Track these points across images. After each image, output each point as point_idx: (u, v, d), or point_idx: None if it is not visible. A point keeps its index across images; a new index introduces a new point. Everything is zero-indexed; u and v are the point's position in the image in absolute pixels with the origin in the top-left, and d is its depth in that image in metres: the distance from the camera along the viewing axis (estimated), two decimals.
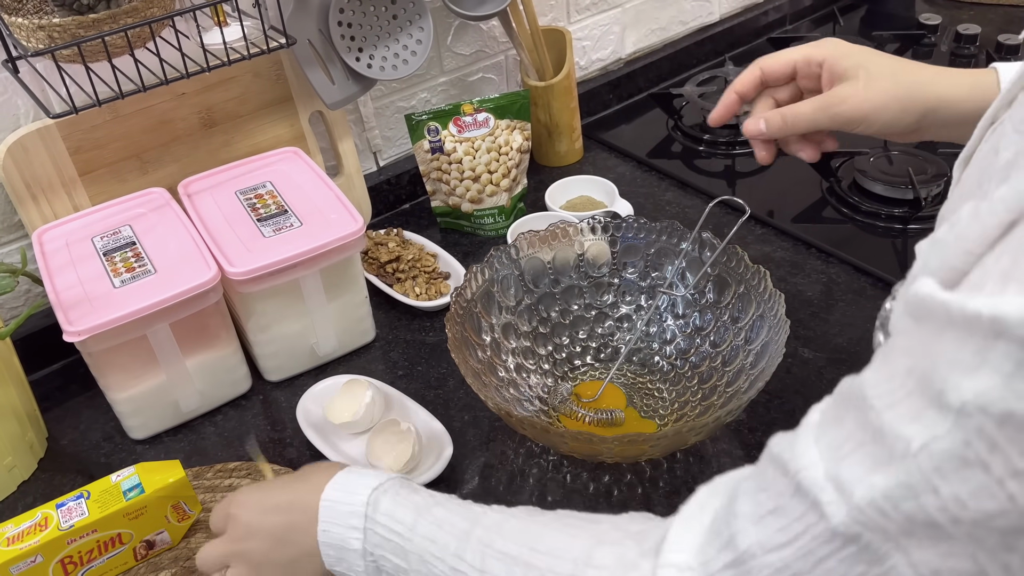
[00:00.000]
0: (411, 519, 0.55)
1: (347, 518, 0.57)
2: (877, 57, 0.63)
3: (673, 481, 0.79)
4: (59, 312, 0.78)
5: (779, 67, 0.65)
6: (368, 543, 0.56)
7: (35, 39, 0.74)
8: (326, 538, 0.57)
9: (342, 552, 0.57)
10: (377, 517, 0.56)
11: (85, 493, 0.73)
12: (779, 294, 0.79)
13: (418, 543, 0.54)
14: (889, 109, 0.62)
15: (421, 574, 0.53)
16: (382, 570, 0.56)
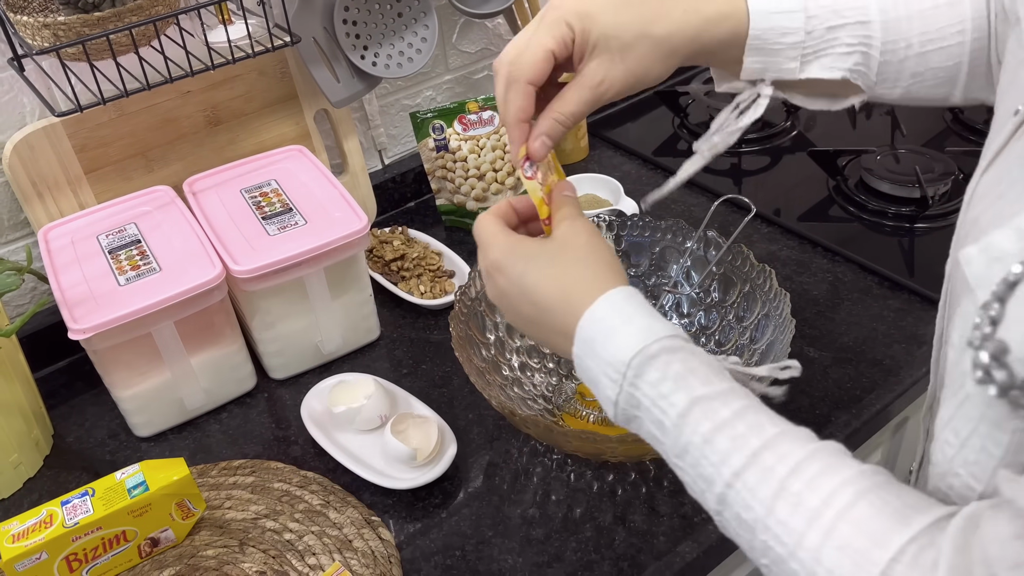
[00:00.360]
0: (684, 405, 0.50)
1: (603, 364, 0.53)
2: (621, 15, 0.57)
3: (678, 480, 0.78)
4: (64, 310, 0.78)
5: (545, 68, 0.58)
6: (622, 399, 0.52)
7: (40, 37, 0.74)
8: (579, 362, 0.55)
9: (593, 383, 0.54)
10: (639, 384, 0.51)
11: (90, 490, 0.73)
12: (784, 293, 0.79)
13: (686, 434, 0.49)
14: (652, 71, 0.59)
15: (683, 460, 0.50)
16: (631, 423, 0.53)
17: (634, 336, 0.52)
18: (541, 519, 0.77)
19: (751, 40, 0.59)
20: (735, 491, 0.47)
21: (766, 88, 0.62)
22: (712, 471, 0.48)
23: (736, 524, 0.47)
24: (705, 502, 0.50)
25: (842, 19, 0.60)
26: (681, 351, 0.52)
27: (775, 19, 0.59)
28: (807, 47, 0.60)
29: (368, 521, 0.77)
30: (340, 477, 0.81)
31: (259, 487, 0.81)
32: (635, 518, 0.76)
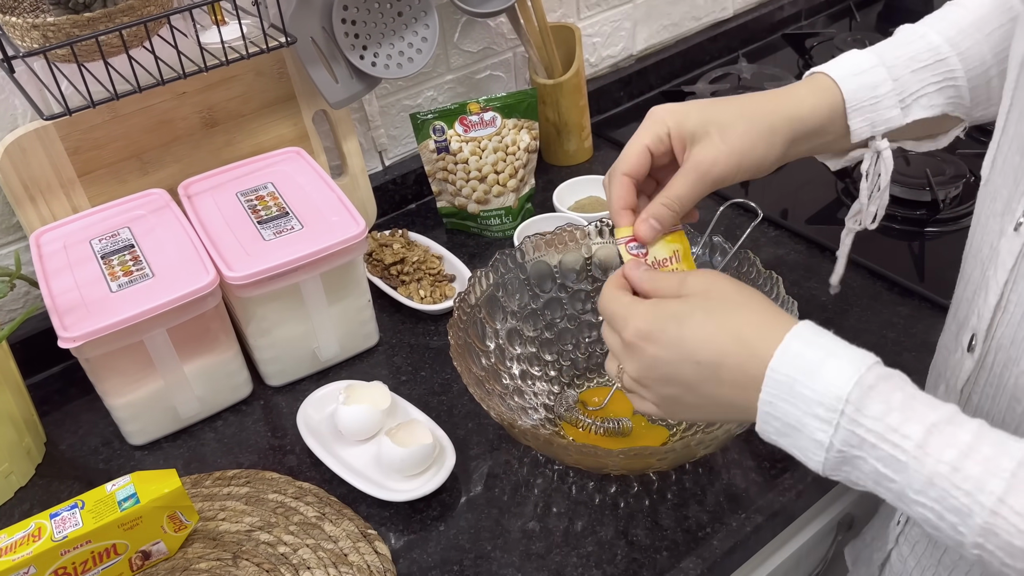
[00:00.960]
0: (920, 434, 0.45)
1: (809, 405, 0.48)
2: (716, 105, 0.62)
3: (682, 493, 0.77)
4: (55, 317, 0.76)
5: (640, 162, 0.62)
6: (839, 440, 0.47)
7: (29, 38, 0.72)
8: (772, 410, 0.49)
9: (793, 432, 0.49)
10: (861, 420, 0.46)
11: (79, 503, 0.71)
12: (792, 302, 0.76)
13: (929, 465, 0.45)
14: (756, 149, 0.61)
15: (924, 495, 0.45)
16: (848, 463, 0.48)
17: (845, 368, 0.47)
18: (542, 533, 0.75)
19: (849, 103, 0.63)
20: (1002, 518, 0.43)
21: (881, 143, 0.65)
22: (968, 501, 0.44)
23: (1005, 555, 0.44)
24: (958, 535, 0.45)
25: (920, 62, 0.64)
26: (894, 377, 0.48)
27: (860, 79, 0.64)
28: (902, 92, 0.64)
29: (364, 534, 0.75)
30: (336, 488, 0.80)
31: (254, 498, 0.79)
32: (637, 532, 0.74)
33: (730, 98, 0.64)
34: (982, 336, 0.57)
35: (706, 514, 0.75)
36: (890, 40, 0.67)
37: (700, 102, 0.63)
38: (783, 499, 0.75)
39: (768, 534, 0.76)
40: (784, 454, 0.51)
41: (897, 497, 0.47)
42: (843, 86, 0.63)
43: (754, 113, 0.61)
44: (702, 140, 0.61)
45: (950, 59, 0.64)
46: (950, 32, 0.65)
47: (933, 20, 0.67)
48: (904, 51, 0.65)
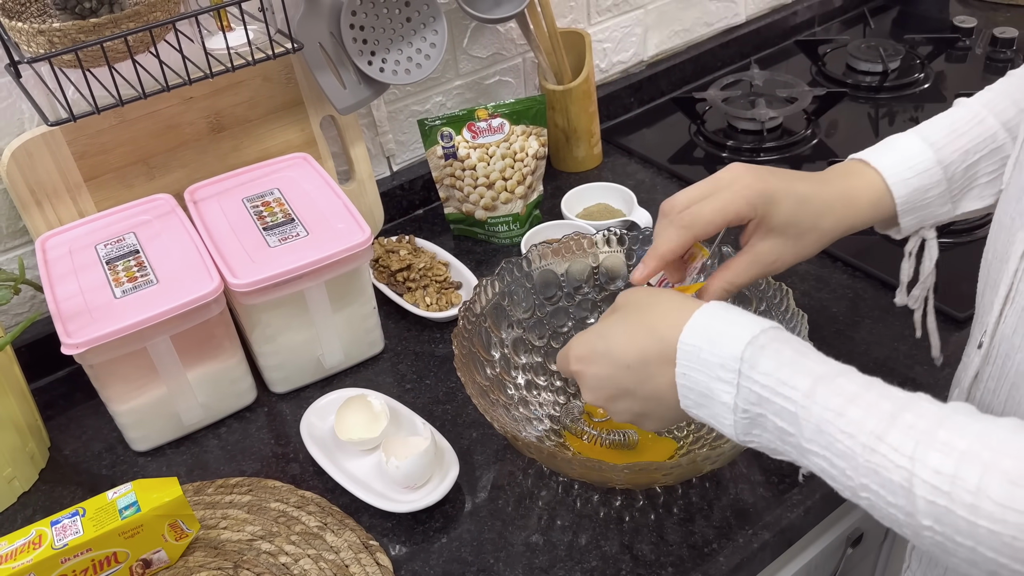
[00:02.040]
0: (807, 385, 0.49)
1: (713, 369, 0.52)
2: (802, 205, 0.65)
3: (688, 507, 0.76)
4: (58, 323, 0.76)
5: (712, 231, 0.65)
6: (741, 399, 0.51)
7: (35, 44, 0.72)
8: (686, 382, 0.54)
9: (706, 400, 0.54)
10: (755, 376, 0.51)
11: (80, 510, 0.71)
12: (802, 315, 0.75)
13: (816, 412, 0.48)
14: (814, 252, 0.67)
15: (815, 443, 0.48)
16: (755, 424, 0.52)
17: (739, 332, 0.52)
18: (545, 546, 0.74)
19: (900, 206, 0.66)
20: (879, 455, 0.45)
21: (929, 233, 0.69)
22: (851, 443, 0.46)
23: (885, 491, 0.45)
24: (847, 480, 0.47)
25: (976, 155, 0.65)
26: (790, 340, 0.52)
27: (914, 182, 0.66)
28: (953, 190, 0.66)
29: (366, 545, 0.75)
30: (339, 498, 0.79)
31: (256, 507, 0.79)
32: (642, 547, 0.73)
33: (814, 194, 0.65)
34: (991, 331, 0.57)
35: (712, 529, 0.74)
36: (947, 123, 0.67)
37: (789, 192, 0.64)
38: (791, 515, 0.74)
39: (775, 550, 0.74)
40: (792, 467, 0.52)
41: (799, 452, 0.50)
42: (895, 192, 0.66)
43: (826, 226, 0.66)
44: (777, 239, 0.65)
45: (1004, 145, 0.65)
46: (1003, 105, 0.65)
47: (992, 96, 0.67)
48: (960, 143, 0.65)
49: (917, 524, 0.44)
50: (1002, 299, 0.55)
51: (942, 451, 0.43)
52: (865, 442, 0.46)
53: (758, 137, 1.23)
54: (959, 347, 0.89)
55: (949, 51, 1.41)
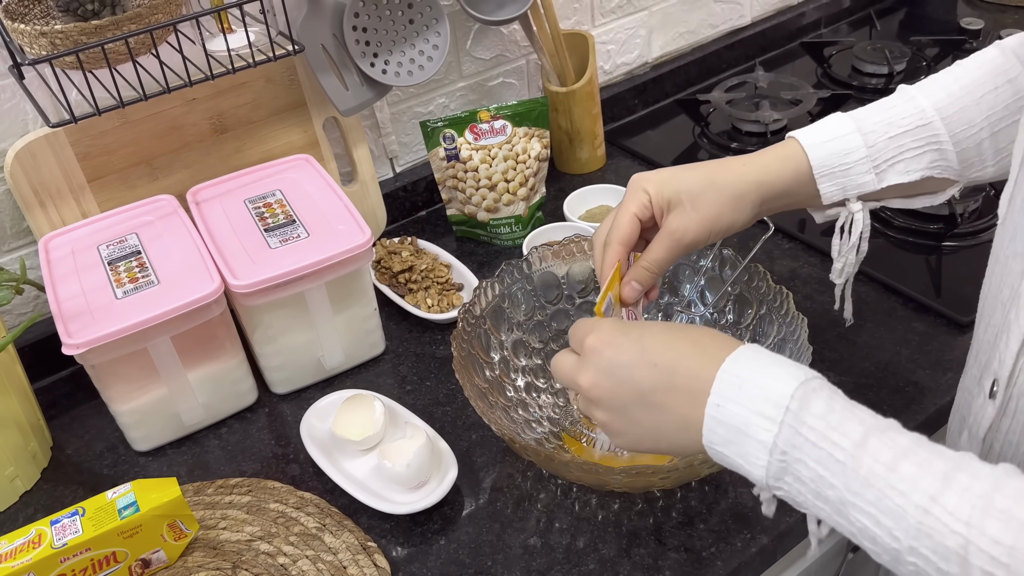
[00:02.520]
0: (859, 434, 0.46)
1: (758, 403, 0.49)
2: (688, 173, 0.67)
3: (687, 511, 0.76)
4: (59, 323, 0.77)
5: (632, 231, 0.67)
6: (782, 439, 0.48)
7: (37, 46, 0.73)
8: (718, 413, 0.50)
9: (738, 436, 0.50)
10: (805, 417, 0.47)
11: (80, 510, 0.71)
12: (802, 318, 0.75)
13: (867, 464, 0.45)
14: (724, 216, 0.66)
15: (861, 497, 0.45)
16: (789, 471, 0.48)
17: (792, 372, 0.50)
18: (543, 549, 0.74)
19: (816, 169, 0.67)
20: (933, 517, 0.43)
21: (854, 205, 0.69)
22: (902, 501, 0.44)
23: (937, 557, 0.43)
24: (893, 541, 0.45)
25: (900, 128, 0.66)
26: (839, 391, 0.50)
27: (831, 145, 0.67)
28: (876, 159, 0.66)
29: (364, 547, 0.75)
30: (338, 499, 0.79)
31: (255, 507, 0.79)
32: (640, 551, 0.73)
33: (703, 165, 0.68)
34: (1004, 382, 0.56)
35: (711, 534, 0.74)
36: (877, 103, 0.69)
37: (675, 170, 0.68)
38: (789, 519, 0.73)
39: (773, 555, 0.74)
40: None
41: (837, 509, 0.47)
42: (811, 153, 0.67)
43: (722, 181, 0.66)
44: (676, 208, 0.66)
45: (934, 123, 0.66)
46: (938, 95, 0.67)
47: (928, 82, 0.69)
48: (885, 116, 0.67)
49: None
50: (1014, 353, 0.54)
51: (1000, 519, 0.41)
52: (919, 502, 0.43)
53: (762, 139, 1.23)
54: (962, 351, 0.88)
55: (956, 53, 1.40)
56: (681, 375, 0.53)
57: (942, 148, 0.66)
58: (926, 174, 0.67)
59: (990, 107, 0.66)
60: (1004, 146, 0.66)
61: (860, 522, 0.46)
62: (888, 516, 0.44)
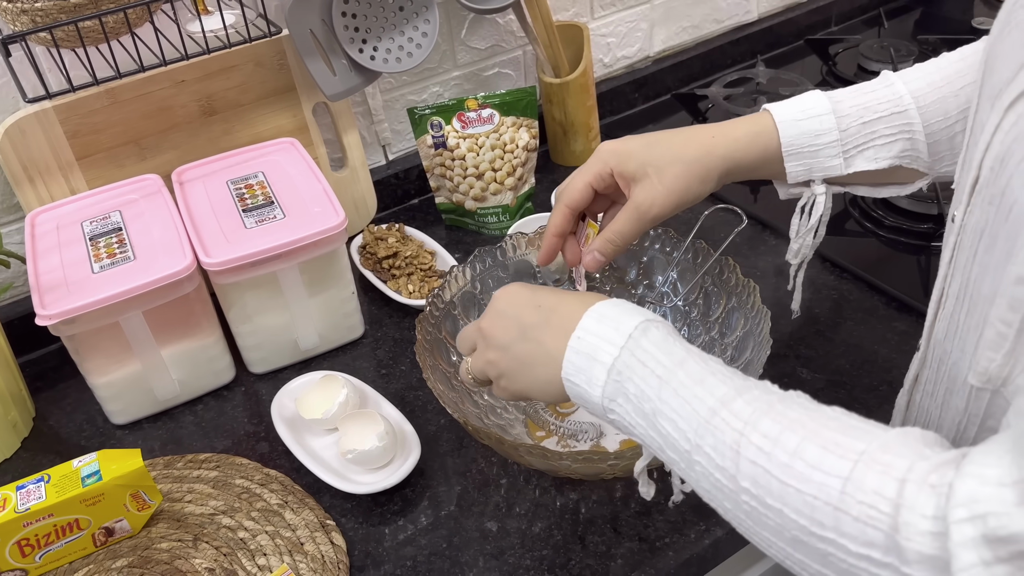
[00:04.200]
0: (681, 355, 0.52)
1: (609, 332, 0.54)
2: (656, 146, 0.66)
3: (645, 501, 0.75)
4: (35, 295, 0.78)
5: (581, 197, 0.68)
6: (620, 361, 0.53)
7: (19, 23, 0.74)
8: (577, 344, 0.55)
9: (588, 361, 0.54)
10: (642, 342, 0.53)
11: (46, 477, 0.73)
12: (766, 311, 0.74)
13: (680, 378, 0.50)
14: (691, 189, 0.66)
15: (668, 405, 0.50)
16: (621, 391, 0.53)
17: (645, 314, 0.55)
18: (499, 533, 0.74)
19: (785, 147, 0.66)
20: (719, 417, 0.47)
21: (818, 187, 0.68)
22: (698, 405, 0.49)
23: (715, 454, 0.47)
24: (685, 443, 0.49)
25: (875, 113, 0.65)
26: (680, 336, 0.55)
27: (804, 124, 0.66)
28: (847, 143, 0.65)
29: (323, 524, 0.75)
30: (303, 477, 0.80)
31: (221, 482, 0.80)
32: (594, 539, 0.73)
33: (670, 136, 0.67)
34: (926, 333, 0.56)
35: (667, 524, 0.73)
36: (858, 85, 0.68)
37: (642, 140, 0.67)
38: None
39: (729, 548, 0.74)
40: None
41: (651, 422, 0.51)
42: (782, 130, 0.66)
43: (689, 155, 0.66)
44: (642, 181, 0.66)
45: (909, 111, 0.65)
46: (918, 84, 0.66)
47: (911, 70, 0.67)
48: (861, 100, 0.66)
49: (737, 488, 0.46)
50: (936, 302, 0.54)
51: (773, 418, 0.46)
52: (711, 405, 0.48)
53: None
54: None
55: None
56: (558, 315, 0.57)
57: (914, 138, 0.66)
58: (894, 163, 0.66)
59: (968, 100, 0.64)
60: None
61: (664, 429, 0.50)
62: (684, 419, 0.49)
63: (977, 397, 0.48)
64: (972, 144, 0.51)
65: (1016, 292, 0.41)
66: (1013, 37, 0.46)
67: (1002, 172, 0.43)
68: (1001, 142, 0.44)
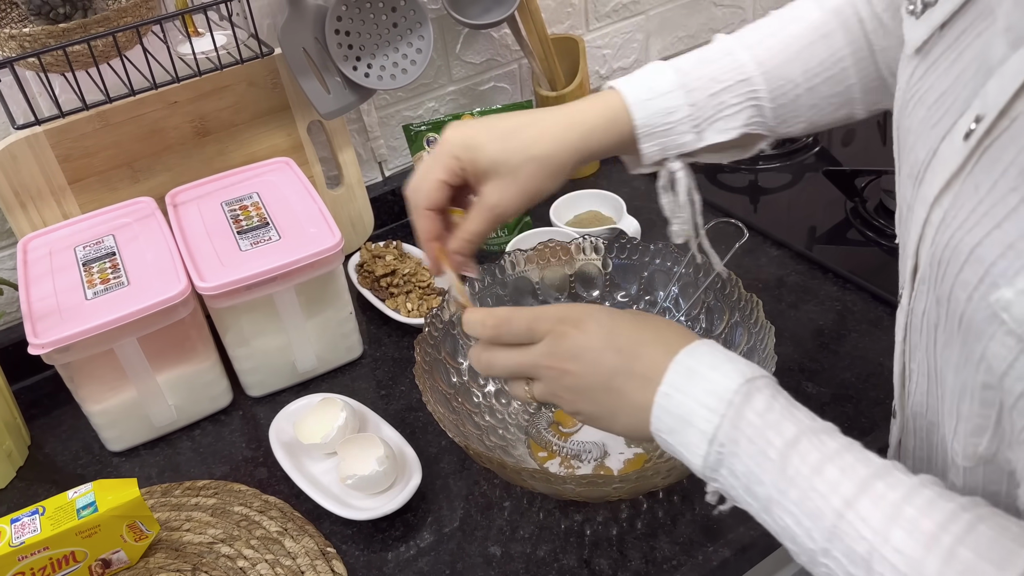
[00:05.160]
0: (792, 432, 0.47)
1: (704, 395, 0.50)
2: (507, 139, 0.62)
3: (652, 522, 0.74)
4: (27, 323, 0.77)
5: (439, 196, 0.63)
6: (722, 432, 0.49)
7: (7, 48, 0.74)
8: (666, 402, 0.51)
9: (682, 425, 0.51)
10: (746, 413, 0.49)
11: (40, 509, 0.72)
12: (770, 327, 0.73)
13: (795, 465, 0.46)
14: (544, 187, 0.63)
15: (786, 496, 0.46)
16: (724, 464, 0.49)
17: (740, 369, 0.51)
18: (503, 558, 0.73)
19: (640, 129, 0.63)
20: (847, 522, 0.44)
21: (674, 164, 0.65)
22: (822, 503, 0.45)
23: (847, 561, 0.44)
24: (811, 542, 0.45)
25: (721, 84, 0.63)
26: (783, 392, 0.51)
27: (655, 104, 0.63)
28: (697, 118, 0.64)
29: (323, 552, 0.74)
30: (302, 503, 0.79)
31: (219, 510, 0.79)
32: (601, 562, 0.71)
33: (521, 125, 0.62)
34: (898, 403, 0.56)
35: (674, 545, 0.72)
36: (697, 54, 0.65)
37: (492, 130, 0.62)
38: (754, 532, 0.72)
39: (736, 569, 0.72)
40: None
41: (764, 506, 0.48)
42: (635, 113, 0.62)
43: (543, 151, 0.62)
44: (493, 180, 0.62)
45: (754, 78, 0.63)
46: (759, 49, 0.64)
47: (746, 33, 0.65)
48: (707, 70, 0.63)
49: None
50: (900, 375, 0.53)
51: (906, 529, 0.42)
52: (836, 506, 0.44)
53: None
54: None
55: None
56: (641, 363, 0.54)
57: (760, 104, 0.64)
58: (743, 131, 0.64)
59: (805, 64, 0.63)
60: (816, 102, 0.64)
61: (783, 520, 0.47)
62: (808, 517, 0.45)
63: (971, 472, 0.47)
64: (903, 220, 0.50)
65: (986, 395, 0.41)
66: (919, 114, 0.46)
67: (943, 276, 0.43)
68: (933, 240, 0.43)
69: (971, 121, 0.41)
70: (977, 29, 0.44)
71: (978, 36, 0.43)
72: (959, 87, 0.44)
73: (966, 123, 0.42)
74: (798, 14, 0.65)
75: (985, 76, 0.41)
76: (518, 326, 0.57)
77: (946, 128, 0.44)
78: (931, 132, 0.45)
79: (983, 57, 0.42)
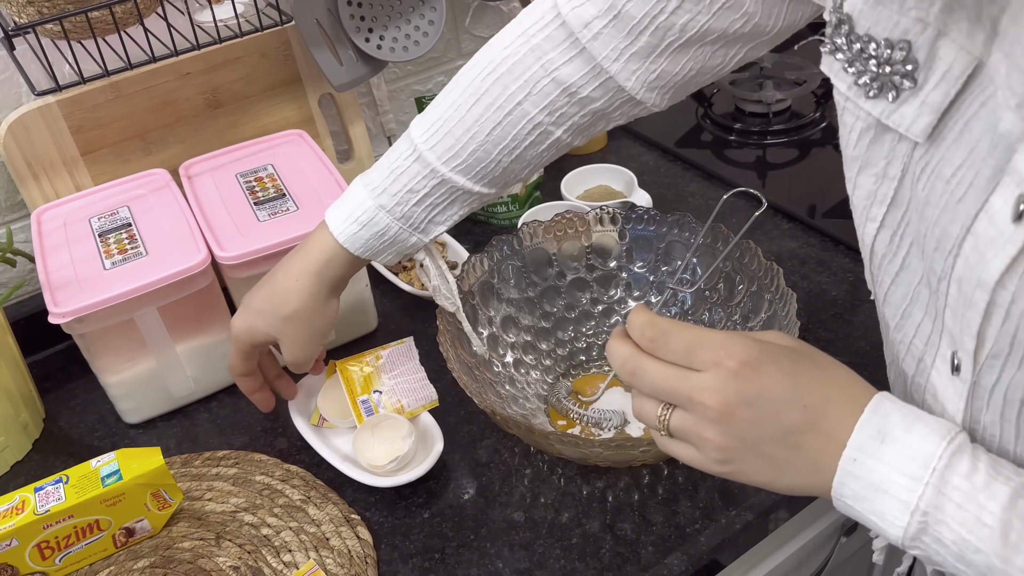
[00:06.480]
0: (1007, 496, 0.43)
1: (901, 461, 0.46)
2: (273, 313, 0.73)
3: (672, 488, 0.75)
4: (47, 293, 0.77)
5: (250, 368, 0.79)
6: (926, 501, 0.45)
7: (25, 15, 0.73)
8: (854, 468, 0.47)
9: (873, 493, 0.46)
10: (950, 477, 0.44)
11: (64, 477, 0.72)
12: (792, 294, 0.74)
13: (1017, 529, 0.43)
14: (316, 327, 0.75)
15: (1008, 563, 0.43)
16: (928, 533, 0.45)
17: (935, 429, 0.46)
18: (526, 523, 0.73)
19: (364, 254, 0.71)
20: None
21: (419, 255, 0.75)
22: None
23: None
24: None
25: (419, 192, 0.69)
26: (977, 445, 0.47)
27: (365, 232, 0.70)
28: (412, 223, 0.70)
29: (347, 519, 0.74)
30: (324, 472, 0.79)
31: (241, 479, 0.79)
32: (624, 526, 0.72)
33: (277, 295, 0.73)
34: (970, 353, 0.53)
35: (697, 510, 0.73)
36: (388, 163, 0.70)
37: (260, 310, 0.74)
38: (775, 497, 0.72)
39: (759, 533, 0.73)
40: None
41: (982, 573, 0.44)
42: (350, 246, 0.71)
43: (305, 316, 0.73)
44: (280, 342, 0.75)
45: (448, 176, 0.68)
46: (440, 150, 0.67)
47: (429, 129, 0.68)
48: (401, 182, 0.69)
49: None
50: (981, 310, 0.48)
51: None
52: None
53: (765, 120, 1.21)
54: None
55: None
56: (827, 420, 0.48)
57: (467, 190, 0.69)
58: (465, 213, 0.72)
59: (497, 143, 0.67)
60: (530, 158, 0.69)
61: None
62: None
63: None
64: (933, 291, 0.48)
65: None
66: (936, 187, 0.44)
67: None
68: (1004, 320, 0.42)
69: (1017, 201, 0.39)
70: (980, 99, 0.42)
71: (983, 106, 0.42)
72: (976, 160, 0.42)
73: (1005, 203, 0.40)
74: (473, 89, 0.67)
75: (1004, 151, 0.40)
76: (676, 345, 0.50)
77: (975, 205, 0.42)
78: (958, 207, 0.43)
79: (993, 130, 0.41)
